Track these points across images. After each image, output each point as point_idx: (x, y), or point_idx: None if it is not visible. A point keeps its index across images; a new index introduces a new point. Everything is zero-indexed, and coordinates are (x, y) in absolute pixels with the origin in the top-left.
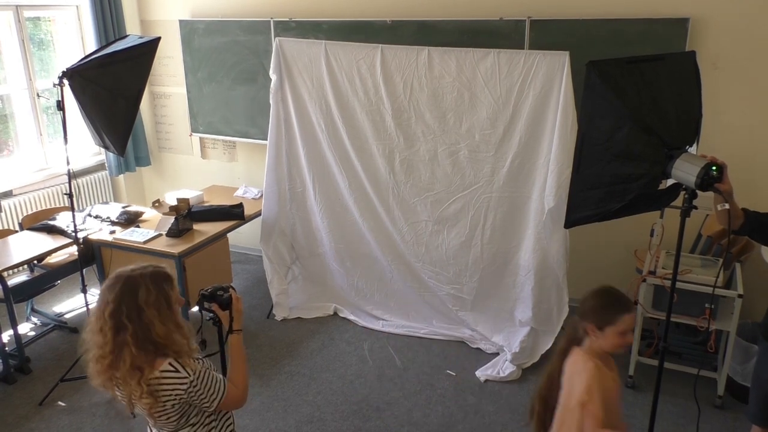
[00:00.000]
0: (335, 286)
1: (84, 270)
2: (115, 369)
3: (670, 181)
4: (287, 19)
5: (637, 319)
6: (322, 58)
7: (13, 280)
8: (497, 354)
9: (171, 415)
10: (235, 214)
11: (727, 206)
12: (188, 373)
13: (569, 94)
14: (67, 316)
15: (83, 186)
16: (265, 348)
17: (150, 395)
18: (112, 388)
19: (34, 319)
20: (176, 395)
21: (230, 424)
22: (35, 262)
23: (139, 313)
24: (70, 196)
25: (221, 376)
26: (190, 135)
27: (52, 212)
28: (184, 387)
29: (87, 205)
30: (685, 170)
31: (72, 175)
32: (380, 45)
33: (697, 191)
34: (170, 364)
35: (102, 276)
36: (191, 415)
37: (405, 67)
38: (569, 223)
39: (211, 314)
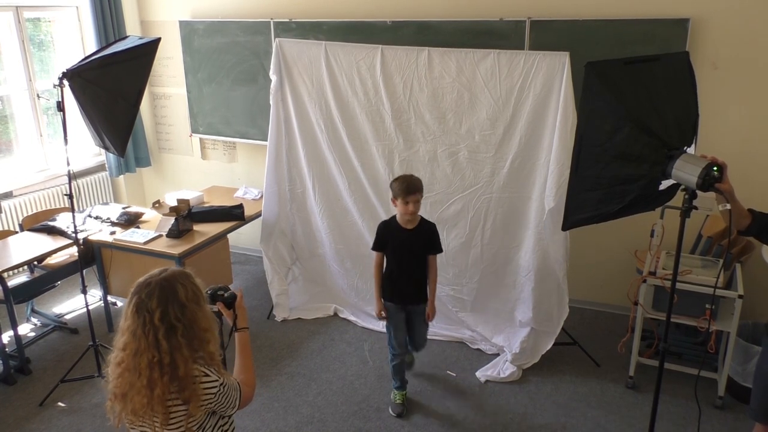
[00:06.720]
0: (335, 286)
1: (84, 271)
2: (174, 380)
3: (666, 182)
4: (287, 20)
5: (637, 319)
6: (322, 59)
7: (13, 281)
8: (497, 354)
9: (192, 425)
10: (235, 214)
11: (728, 206)
12: (217, 377)
13: (569, 94)
14: (67, 317)
15: (83, 187)
16: (265, 349)
17: (193, 398)
18: (165, 410)
19: (34, 320)
20: (206, 400)
21: (233, 428)
22: (35, 262)
23: (183, 311)
24: (71, 196)
25: (233, 378)
26: (190, 136)
27: (52, 213)
28: (214, 390)
29: (87, 206)
30: (686, 171)
31: (72, 176)
32: (380, 45)
33: (697, 191)
34: (198, 369)
35: (102, 277)
36: (206, 427)
37: (405, 67)
38: (568, 225)
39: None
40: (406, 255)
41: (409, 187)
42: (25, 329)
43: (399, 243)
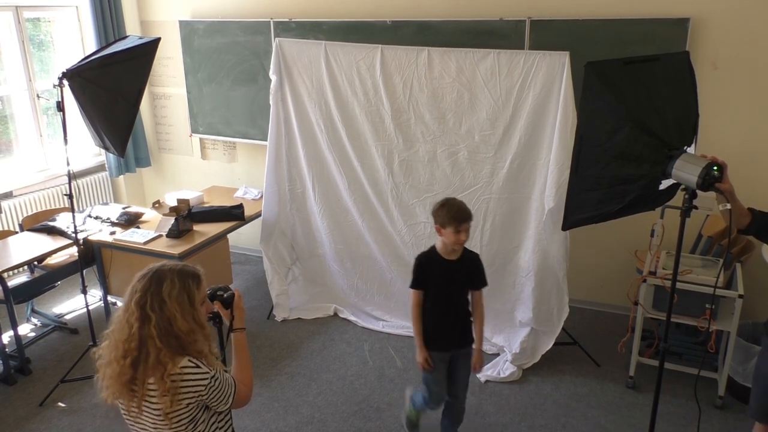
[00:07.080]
0: (335, 286)
1: (84, 271)
2: (137, 366)
3: (666, 182)
4: (287, 20)
5: (638, 319)
6: (322, 59)
7: (14, 281)
8: (498, 354)
9: (183, 418)
10: (235, 214)
11: (728, 206)
12: (208, 369)
13: (569, 94)
14: (67, 317)
15: (83, 187)
16: (265, 349)
17: (169, 392)
18: (129, 395)
19: (34, 320)
20: (196, 392)
21: (230, 426)
22: (35, 263)
23: (161, 305)
24: (70, 197)
25: (229, 374)
26: (190, 136)
27: (52, 213)
28: (205, 383)
29: (87, 206)
30: (686, 171)
31: (72, 176)
32: (380, 45)
33: (697, 191)
34: (189, 360)
35: (102, 277)
36: (199, 421)
37: (405, 67)
38: (567, 225)
39: (210, 314)
40: (451, 290)
41: (461, 215)
42: (25, 329)
43: (442, 277)
